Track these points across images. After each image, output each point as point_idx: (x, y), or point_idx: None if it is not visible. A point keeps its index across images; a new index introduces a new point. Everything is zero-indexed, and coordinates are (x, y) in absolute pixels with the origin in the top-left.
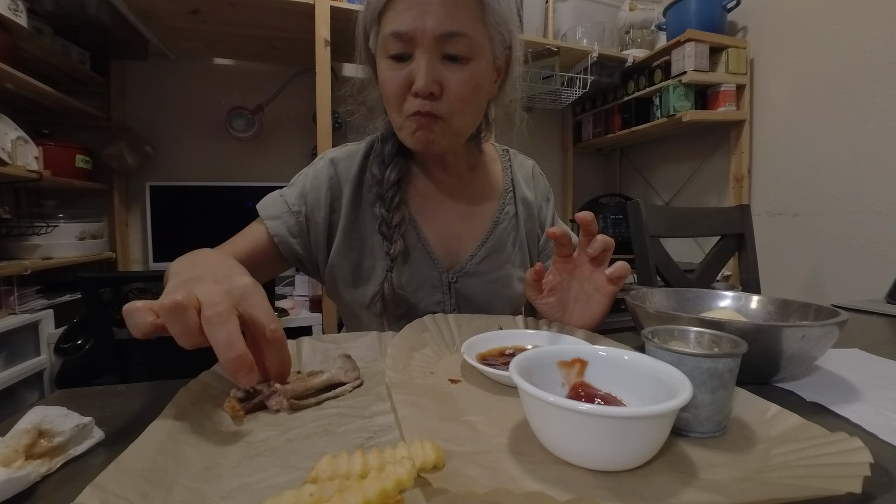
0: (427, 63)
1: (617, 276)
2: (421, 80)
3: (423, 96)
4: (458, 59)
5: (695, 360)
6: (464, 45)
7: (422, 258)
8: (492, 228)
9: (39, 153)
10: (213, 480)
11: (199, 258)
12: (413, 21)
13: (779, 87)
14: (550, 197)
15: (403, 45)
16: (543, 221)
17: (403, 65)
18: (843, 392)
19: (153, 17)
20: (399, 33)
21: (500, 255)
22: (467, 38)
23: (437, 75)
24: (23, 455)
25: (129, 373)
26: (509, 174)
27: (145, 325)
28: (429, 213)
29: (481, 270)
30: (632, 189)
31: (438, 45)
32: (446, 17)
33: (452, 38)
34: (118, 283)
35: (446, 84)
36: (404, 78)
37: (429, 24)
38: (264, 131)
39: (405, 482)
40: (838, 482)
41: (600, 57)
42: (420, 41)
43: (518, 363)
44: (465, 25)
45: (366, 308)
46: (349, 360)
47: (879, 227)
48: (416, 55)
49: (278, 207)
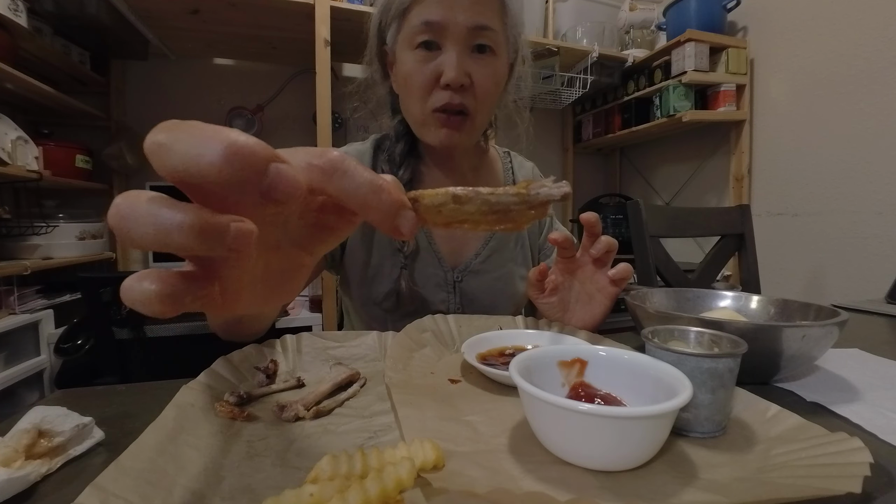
0: (458, 54)
1: (619, 278)
2: (452, 72)
3: (454, 87)
4: (485, 49)
5: (695, 360)
6: (491, 39)
7: (428, 257)
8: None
9: (39, 153)
10: (213, 481)
11: None
12: (444, 12)
13: (779, 87)
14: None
15: (434, 35)
16: (543, 222)
17: (431, 55)
18: (843, 392)
19: (153, 17)
20: (431, 22)
21: (503, 254)
22: (494, 33)
23: (466, 67)
24: (23, 455)
25: (129, 373)
26: (510, 175)
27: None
28: None
29: (485, 269)
30: (632, 189)
31: (470, 36)
32: (476, 11)
33: (482, 32)
34: (118, 283)
35: (474, 76)
36: (432, 70)
37: (461, 15)
38: (264, 131)
39: (405, 482)
40: (838, 482)
41: (600, 57)
42: (452, 31)
43: (518, 363)
44: (493, 21)
45: (376, 304)
46: (343, 366)
47: (879, 227)
48: (445, 46)
49: None
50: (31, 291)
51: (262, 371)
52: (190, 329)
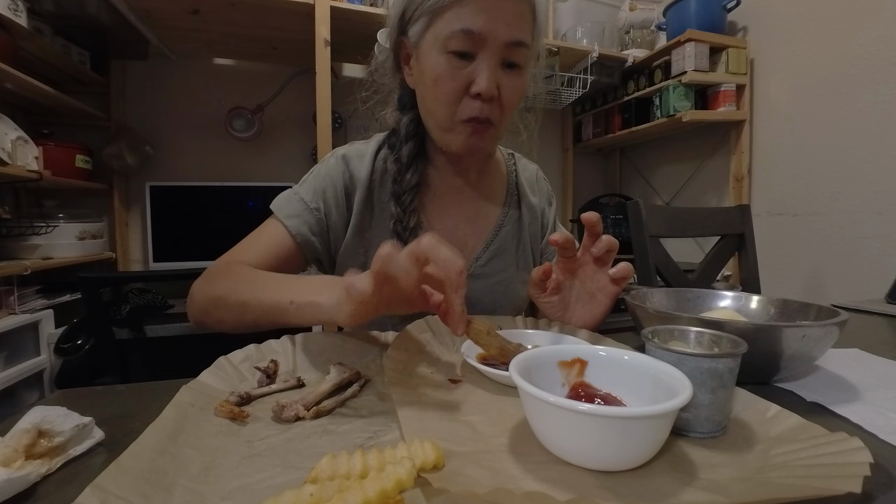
0: (493, 67)
1: (620, 277)
2: (484, 83)
3: (485, 99)
4: (515, 66)
5: (695, 360)
6: (523, 54)
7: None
8: (496, 231)
9: (39, 153)
10: (212, 481)
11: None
12: (486, 23)
13: (779, 87)
14: (553, 201)
15: (471, 44)
16: (546, 225)
17: (464, 63)
18: (843, 392)
19: (153, 17)
20: (472, 31)
21: (504, 259)
22: (527, 49)
23: (498, 79)
24: (23, 455)
25: (129, 373)
26: (514, 178)
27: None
28: (437, 215)
29: (486, 273)
30: (632, 189)
31: (505, 51)
32: (516, 26)
33: (517, 48)
34: (118, 283)
35: (502, 89)
36: (465, 78)
37: (501, 29)
38: (264, 131)
39: (405, 482)
40: (838, 482)
41: (600, 57)
42: (490, 44)
43: (518, 363)
44: (527, 36)
45: None
46: (343, 366)
47: (879, 227)
48: (480, 56)
49: (295, 206)
50: (31, 291)
51: (262, 371)
52: (190, 329)
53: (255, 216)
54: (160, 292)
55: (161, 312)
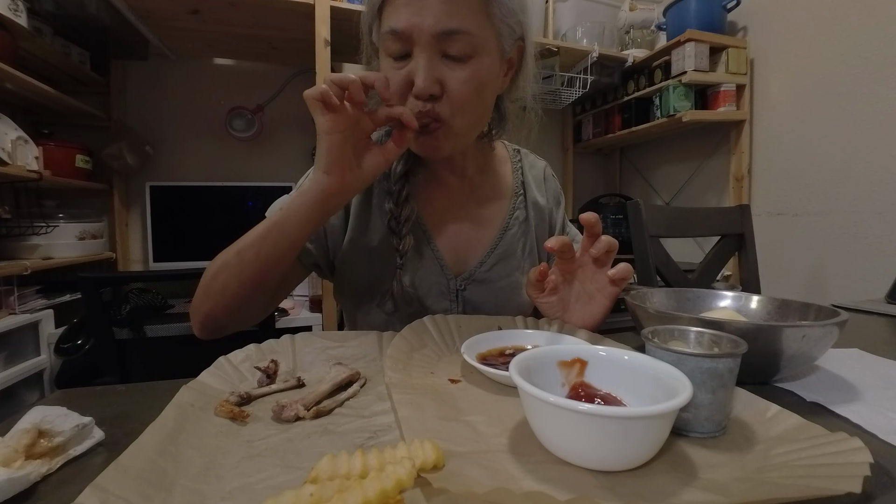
0: (426, 63)
1: (619, 278)
2: (420, 82)
3: (422, 98)
4: (458, 58)
5: (695, 360)
6: (464, 43)
7: (431, 264)
8: (501, 234)
9: (39, 153)
10: (212, 481)
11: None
12: (410, 18)
13: (779, 87)
14: (561, 200)
15: (401, 44)
16: (553, 226)
17: (403, 63)
18: (843, 392)
19: (153, 17)
20: (396, 31)
21: (509, 262)
22: (468, 36)
23: (437, 74)
24: (23, 455)
25: (129, 373)
26: (520, 176)
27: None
28: (437, 217)
29: (490, 278)
30: (632, 189)
31: (437, 43)
32: (445, 14)
33: (452, 37)
34: (118, 283)
35: (447, 84)
36: (404, 77)
37: (427, 21)
38: (264, 131)
39: (405, 482)
40: (838, 482)
41: (600, 57)
42: (418, 39)
43: (518, 363)
44: (466, 21)
45: (377, 307)
46: (343, 366)
47: (879, 227)
48: (414, 53)
49: None
50: (31, 291)
51: (262, 371)
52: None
53: (255, 216)
54: (160, 292)
55: (161, 312)
